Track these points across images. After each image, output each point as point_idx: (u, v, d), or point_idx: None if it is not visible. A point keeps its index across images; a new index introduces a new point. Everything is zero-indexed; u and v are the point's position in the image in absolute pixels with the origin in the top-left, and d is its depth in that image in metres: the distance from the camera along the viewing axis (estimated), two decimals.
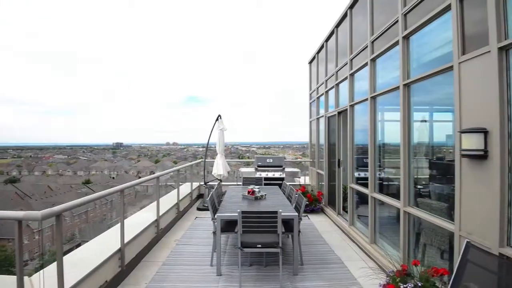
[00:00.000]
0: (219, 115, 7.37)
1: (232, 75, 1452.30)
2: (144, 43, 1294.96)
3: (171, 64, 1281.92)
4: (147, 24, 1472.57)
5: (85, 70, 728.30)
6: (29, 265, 21.10)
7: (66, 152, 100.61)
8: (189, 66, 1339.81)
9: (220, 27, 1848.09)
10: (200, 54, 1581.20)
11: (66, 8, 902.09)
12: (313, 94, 8.00)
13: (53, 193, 40.30)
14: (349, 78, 5.10)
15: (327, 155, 6.63)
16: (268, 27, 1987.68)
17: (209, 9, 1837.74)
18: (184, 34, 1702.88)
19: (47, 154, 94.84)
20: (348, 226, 5.11)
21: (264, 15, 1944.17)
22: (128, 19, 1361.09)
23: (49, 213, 2.15)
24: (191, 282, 3.33)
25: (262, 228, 3.28)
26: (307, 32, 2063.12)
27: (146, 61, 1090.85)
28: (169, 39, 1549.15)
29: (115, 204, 34.27)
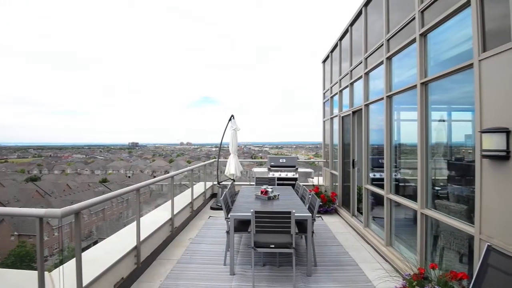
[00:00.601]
0: (232, 115, 7.41)
1: (245, 76, 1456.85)
2: (158, 44, 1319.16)
3: (185, 65, 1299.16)
4: (162, 26, 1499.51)
5: (101, 73, 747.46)
6: (48, 260, 21.88)
7: (84, 152, 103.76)
8: (202, 67, 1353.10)
9: (232, 27, 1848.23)
10: (214, 54, 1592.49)
11: (82, 8, 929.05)
12: (327, 94, 7.92)
13: (72, 191, 41.57)
14: (364, 77, 5.02)
15: (341, 156, 6.55)
16: (282, 26, 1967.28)
17: (221, 10, 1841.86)
18: (198, 35, 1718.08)
19: (66, 153, 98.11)
20: (363, 227, 5.03)
21: (277, 14, 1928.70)
22: (143, 21, 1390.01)
23: (69, 211, 2.22)
24: (205, 280, 3.36)
25: (275, 229, 3.27)
26: (321, 31, 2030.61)
27: (160, 62, 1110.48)
28: (183, 40, 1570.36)
29: (131, 202, 35.00)
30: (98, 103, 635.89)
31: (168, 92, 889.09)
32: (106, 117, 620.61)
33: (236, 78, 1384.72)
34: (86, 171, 63.67)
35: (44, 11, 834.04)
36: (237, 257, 4.02)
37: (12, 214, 2.37)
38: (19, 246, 24.43)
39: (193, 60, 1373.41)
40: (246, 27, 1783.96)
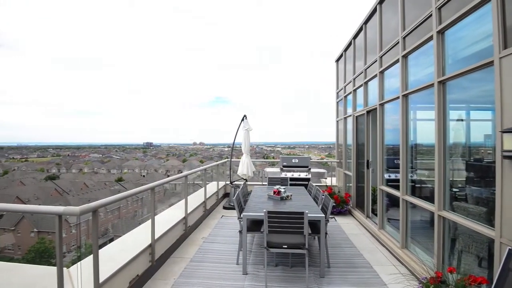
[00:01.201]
0: (244, 115, 7.44)
1: (257, 75, 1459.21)
2: (172, 45, 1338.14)
3: (198, 65, 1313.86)
4: (175, 27, 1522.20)
5: (118, 74, 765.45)
6: (66, 257, 22.56)
7: (101, 151, 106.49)
8: (215, 67, 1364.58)
9: (244, 28, 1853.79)
10: (226, 54, 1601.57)
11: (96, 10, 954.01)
12: (340, 93, 7.83)
13: (89, 189, 42.73)
14: (379, 76, 4.93)
15: (355, 156, 6.46)
16: (295, 26, 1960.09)
17: (232, 10, 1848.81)
18: (211, 36, 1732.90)
19: (84, 153, 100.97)
20: (378, 229, 4.94)
21: (291, 14, 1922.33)
22: (158, 22, 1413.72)
23: (86, 208, 2.29)
24: (218, 279, 3.39)
25: (288, 229, 3.26)
26: (335, 30, 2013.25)
27: (175, 63, 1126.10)
28: (196, 41, 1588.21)
29: (145, 201, 35.67)
30: (114, 104, 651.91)
31: (182, 93, 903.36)
32: (121, 117, 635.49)
33: (249, 78, 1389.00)
34: (103, 170, 65.41)
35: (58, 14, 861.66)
36: (249, 256, 4.03)
37: (33, 212, 2.47)
38: (38, 243, 25.33)
39: (206, 60, 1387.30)
40: (258, 26, 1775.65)
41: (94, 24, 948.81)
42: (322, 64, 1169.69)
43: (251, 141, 7.52)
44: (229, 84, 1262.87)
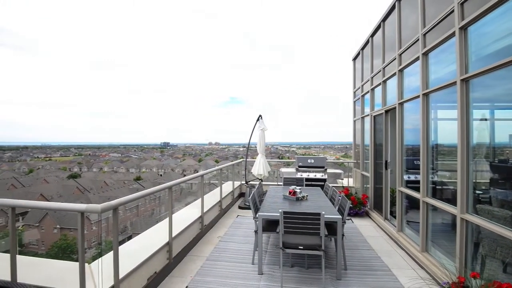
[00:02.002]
0: (260, 115, 7.44)
1: (271, 75, 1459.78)
2: (187, 47, 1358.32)
3: (212, 66, 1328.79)
4: (191, 28, 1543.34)
5: (135, 77, 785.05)
6: (87, 253, 23.32)
7: (120, 151, 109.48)
8: (229, 68, 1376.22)
9: (257, 27, 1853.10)
10: (239, 55, 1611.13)
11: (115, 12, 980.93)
12: (358, 92, 7.69)
13: (108, 188, 44.00)
14: (398, 74, 4.81)
15: (372, 156, 6.33)
16: (309, 25, 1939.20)
17: (246, 10, 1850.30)
18: (225, 37, 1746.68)
19: (104, 152, 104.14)
20: (396, 232, 4.82)
21: (304, 13, 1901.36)
22: (170, 25, 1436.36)
23: (108, 206, 2.36)
24: (234, 278, 3.41)
25: (304, 230, 3.23)
26: (351, 29, 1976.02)
27: (189, 65, 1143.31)
28: (210, 41, 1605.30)
29: (162, 200, 36.27)
30: (133, 105, 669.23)
31: (197, 94, 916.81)
32: (140, 118, 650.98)
33: (263, 78, 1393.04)
34: (122, 169, 67.27)
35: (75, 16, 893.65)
36: (265, 256, 4.03)
37: (57, 209, 2.56)
38: (61, 239, 26.31)
39: (220, 61, 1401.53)
40: (273, 26, 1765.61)
41: (111, 26, 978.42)
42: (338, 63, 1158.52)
43: (266, 141, 7.51)
44: (244, 85, 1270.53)
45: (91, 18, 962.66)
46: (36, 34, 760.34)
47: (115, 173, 62.11)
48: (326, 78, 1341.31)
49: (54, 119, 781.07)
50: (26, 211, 29.06)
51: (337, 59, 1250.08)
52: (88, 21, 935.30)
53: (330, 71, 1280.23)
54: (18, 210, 2.57)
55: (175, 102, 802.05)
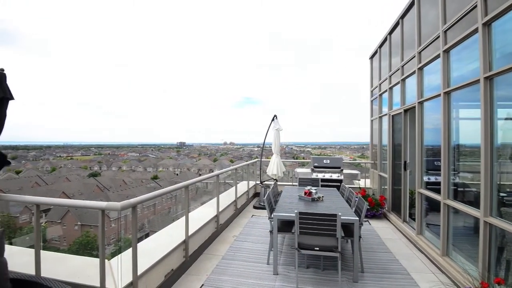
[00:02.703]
0: (275, 115, 7.42)
1: (286, 75, 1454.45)
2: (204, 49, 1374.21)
3: (226, 66, 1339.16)
4: (207, 30, 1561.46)
5: (151, 78, 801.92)
6: (106, 249, 24.01)
7: (138, 151, 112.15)
8: (244, 68, 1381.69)
9: (271, 27, 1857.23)
10: (254, 55, 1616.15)
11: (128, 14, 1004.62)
12: (375, 91, 7.53)
13: (127, 186, 45.11)
14: (417, 73, 4.68)
15: (391, 157, 6.18)
16: (324, 24, 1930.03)
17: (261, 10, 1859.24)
18: (240, 37, 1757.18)
19: (122, 152, 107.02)
20: (415, 234, 4.69)
21: (319, 11, 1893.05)
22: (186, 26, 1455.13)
23: (127, 204, 2.42)
24: (249, 278, 3.42)
25: (320, 231, 3.20)
26: (367, 27, 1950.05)
27: (204, 65, 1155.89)
28: (226, 43, 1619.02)
29: (179, 198, 36.83)
30: (150, 106, 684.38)
31: (212, 94, 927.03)
32: (157, 118, 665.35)
33: (278, 78, 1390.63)
34: (140, 168, 68.89)
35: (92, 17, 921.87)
36: (280, 257, 4.02)
37: (79, 206, 2.65)
38: (82, 235, 27.23)
39: (235, 61, 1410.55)
40: (287, 26, 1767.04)
41: (129, 27, 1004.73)
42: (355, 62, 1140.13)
43: (280, 141, 7.49)
44: (258, 85, 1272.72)
45: (111, 20, 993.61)
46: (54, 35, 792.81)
47: (133, 172, 63.65)
48: (342, 77, 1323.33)
49: (76, 119, 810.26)
50: (49, 208, 30.20)
51: (354, 58, 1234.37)
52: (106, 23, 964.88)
53: (346, 70, 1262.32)
54: (42, 207, 2.67)
55: (190, 103, 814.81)
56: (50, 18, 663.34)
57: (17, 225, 29.58)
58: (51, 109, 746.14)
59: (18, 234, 26.00)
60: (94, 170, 65.82)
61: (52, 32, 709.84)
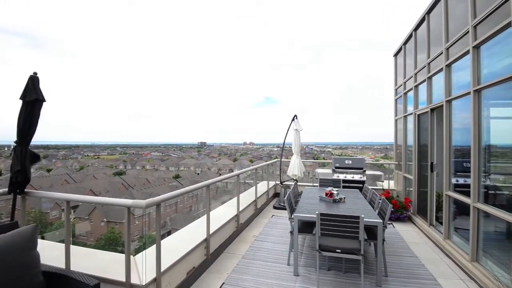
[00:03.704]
0: (295, 115, 7.38)
1: (307, 75, 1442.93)
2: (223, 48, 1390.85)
3: (248, 67, 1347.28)
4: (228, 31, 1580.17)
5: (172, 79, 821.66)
6: (130, 246, 24.84)
7: (161, 150, 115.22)
8: (265, 68, 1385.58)
9: (290, 26, 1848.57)
10: (275, 55, 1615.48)
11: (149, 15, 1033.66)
12: (400, 90, 7.29)
13: (150, 185, 46.41)
14: (445, 70, 4.48)
15: (416, 158, 5.96)
16: (345, 21, 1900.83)
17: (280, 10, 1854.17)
18: (260, 36, 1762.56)
19: (146, 151, 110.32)
20: (443, 239, 4.50)
21: (339, 9, 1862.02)
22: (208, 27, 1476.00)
23: (151, 202, 2.49)
24: (269, 278, 3.42)
25: (342, 233, 3.14)
26: (389, 24, 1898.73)
27: (227, 66, 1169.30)
28: (248, 42, 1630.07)
29: (199, 197, 37.43)
30: (172, 107, 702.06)
31: (233, 94, 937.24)
32: (179, 119, 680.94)
33: (299, 78, 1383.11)
34: (162, 168, 70.74)
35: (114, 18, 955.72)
36: (300, 258, 3.99)
37: (107, 203, 2.77)
38: (108, 232, 28.33)
39: (255, 61, 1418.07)
40: (309, 24, 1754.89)
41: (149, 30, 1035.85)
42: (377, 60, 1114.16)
43: (300, 141, 7.43)
44: (278, 85, 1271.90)
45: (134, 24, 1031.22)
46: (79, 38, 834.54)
47: (156, 171, 65.42)
48: (364, 75, 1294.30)
49: (103, 120, 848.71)
50: (77, 205, 31.65)
51: (376, 56, 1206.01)
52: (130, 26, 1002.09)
53: (368, 69, 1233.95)
54: (71, 204, 2.81)
55: (212, 103, 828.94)
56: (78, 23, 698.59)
57: (48, 220, 31.23)
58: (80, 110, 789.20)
59: (49, 229, 27.45)
60: (119, 169, 68.27)
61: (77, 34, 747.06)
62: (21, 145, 2.81)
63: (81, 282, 2.10)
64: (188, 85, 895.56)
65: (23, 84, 2.78)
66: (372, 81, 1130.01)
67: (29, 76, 2.79)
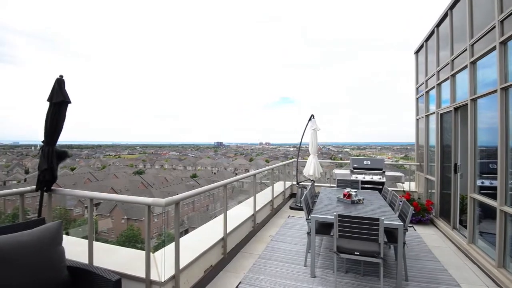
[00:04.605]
0: (312, 115, 7.31)
1: (324, 74, 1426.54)
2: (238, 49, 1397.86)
3: (263, 66, 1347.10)
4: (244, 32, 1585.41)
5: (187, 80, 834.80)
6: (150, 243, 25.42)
7: (178, 150, 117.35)
8: (280, 68, 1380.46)
9: (311, 25, 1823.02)
10: (290, 54, 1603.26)
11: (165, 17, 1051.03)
12: (421, 88, 7.07)
13: (168, 184, 47.35)
14: (470, 67, 4.31)
15: (439, 159, 5.76)
16: (364, 19, 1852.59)
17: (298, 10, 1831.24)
18: (274, 34, 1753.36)
19: (164, 151, 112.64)
20: (467, 243, 4.32)
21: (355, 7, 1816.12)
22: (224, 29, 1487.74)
23: (171, 201, 2.55)
24: (286, 279, 3.40)
25: (361, 235, 3.08)
26: (409, 21, 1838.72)
27: (243, 66, 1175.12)
28: (262, 41, 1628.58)
29: (216, 197, 37.82)
30: (189, 108, 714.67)
31: (249, 94, 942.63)
32: (196, 119, 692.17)
33: (315, 77, 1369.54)
34: (180, 167, 72.05)
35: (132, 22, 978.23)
36: (317, 259, 3.95)
37: (128, 201, 2.84)
38: (128, 229, 29.15)
39: (271, 61, 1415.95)
40: (324, 23, 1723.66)
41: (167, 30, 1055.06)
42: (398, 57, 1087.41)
43: (317, 141, 7.35)
44: (294, 84, 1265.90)
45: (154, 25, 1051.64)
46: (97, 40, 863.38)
47: (174, 170, 66.72)
48: (383, 74, 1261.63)
49: (124, 121, 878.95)
50: (99, 203, 32.73)
51: (396, 54, 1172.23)
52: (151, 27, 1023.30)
53: (388, 67, 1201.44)
54: (94, 201, 2.90)
55: (228, 103, 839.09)
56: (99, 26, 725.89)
57: (71, 217, 32.47)
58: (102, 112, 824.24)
59: (72, 225, 28.54)
60: (139, 168, 70.08)
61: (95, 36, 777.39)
62: (48, 145, 2.94)
63: (103, 277, 2.18)
64: (204, 86, 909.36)
65: (47, 87, 2.92)
66: (391, 79, 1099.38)
67: (55, 79, 2.92)
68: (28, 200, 3.42)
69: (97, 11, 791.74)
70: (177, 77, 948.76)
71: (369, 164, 6.85)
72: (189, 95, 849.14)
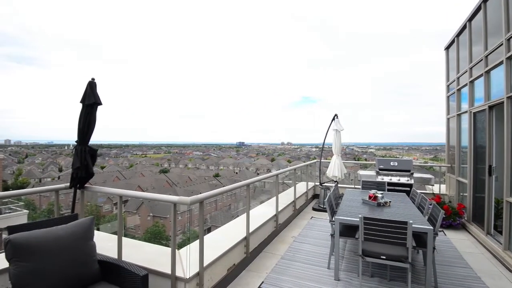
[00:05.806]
0: (335, 114, 7.18)
1: (347, 73, 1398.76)
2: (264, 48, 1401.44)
3: (286, 65, 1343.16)
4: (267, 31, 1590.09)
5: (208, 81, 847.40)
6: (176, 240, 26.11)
7: (202, 150, 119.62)
8: (303, 67, 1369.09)
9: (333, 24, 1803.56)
10: (314, 52, 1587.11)
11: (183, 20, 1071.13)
12: (452, 86, 6.73)
13: (192, 183, 48.39)
14: (506, 63, 4.04)
15: (472, 160, 5.46)
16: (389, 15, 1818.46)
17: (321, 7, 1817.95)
18: (300, 33, 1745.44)
19: (188, 150, 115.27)
20: (502, 250, 4.06)
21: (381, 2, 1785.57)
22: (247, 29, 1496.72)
23: (195, 199, 2.61)
24: (309, 281, 3.37)
25: (387, 239, 2.98)
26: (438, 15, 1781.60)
27: (265, 66, 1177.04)
28: (286, 40, 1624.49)
29: (238, 196, 38.20)
30: (212, 108, 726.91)
31: (270, 94, 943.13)
32: (218, 119, 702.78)
33: (339, 76, 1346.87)
34: (203, 166, 73.41)
35: None
36: (341, 262, 3.87)
37: (155, 199, 2.95)
38: (154, 226, 30.10)
39: (293, 60, 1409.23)
40: (348, 21, 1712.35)
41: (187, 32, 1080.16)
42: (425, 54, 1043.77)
43: (341, 141, 7.20)
44: (316, 83, 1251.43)
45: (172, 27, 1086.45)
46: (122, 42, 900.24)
47: (197, 170, 68.07)
48: (411, 71, 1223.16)
49: (150, 121, 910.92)
50: (127, 200, 34.07)
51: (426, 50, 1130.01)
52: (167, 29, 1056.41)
53: (416, 63, 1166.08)
54: (123, 198, 3.03)
55: (250, 103, 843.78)
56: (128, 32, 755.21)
57: (101, 213, 34.01)
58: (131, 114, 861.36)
59: (102, 221, 29.90)
60: (164, 167, 72.13)
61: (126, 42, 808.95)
62: (81, 144, 3.10)
63: (131, 272, 2.27)
64: (227, 86, 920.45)
65: (80, 89, 3.08)
66: (419, 77, 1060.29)
67: (87, 82, 3.08)
68: (61, 196, 3.65)
69: (124, 17, 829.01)
70: (203, 78, 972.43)
71: (396, 165, 6.62)
72: (214, 96, 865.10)
